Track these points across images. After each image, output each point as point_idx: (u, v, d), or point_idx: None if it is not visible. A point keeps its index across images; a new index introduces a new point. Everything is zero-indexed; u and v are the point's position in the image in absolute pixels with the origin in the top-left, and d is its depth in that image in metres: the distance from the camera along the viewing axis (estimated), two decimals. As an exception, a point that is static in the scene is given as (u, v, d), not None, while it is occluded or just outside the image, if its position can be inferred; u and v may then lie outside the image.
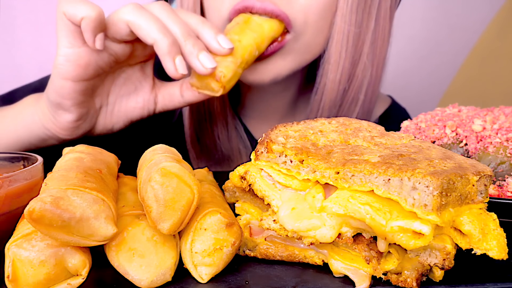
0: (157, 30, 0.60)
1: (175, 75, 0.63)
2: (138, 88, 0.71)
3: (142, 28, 0.60)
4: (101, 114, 0.71)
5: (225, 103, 0.89)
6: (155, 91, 0.72)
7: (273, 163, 0.47)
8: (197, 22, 0.65)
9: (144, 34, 0.60)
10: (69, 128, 0.67)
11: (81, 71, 0.62)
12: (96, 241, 0.41)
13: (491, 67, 1.61)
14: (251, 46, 0.68)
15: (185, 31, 0.62)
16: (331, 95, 0.84)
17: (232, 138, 0.92)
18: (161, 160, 0.45)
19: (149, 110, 0.72)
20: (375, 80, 0.87)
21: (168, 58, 0.61)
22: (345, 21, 0.78)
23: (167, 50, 0.61)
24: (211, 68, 0.63)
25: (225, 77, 0.64)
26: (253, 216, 0.50)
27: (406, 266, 0.43)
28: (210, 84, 0.65)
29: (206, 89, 0.67)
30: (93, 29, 0.58)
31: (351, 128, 0.53)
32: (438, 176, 0.39)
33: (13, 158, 0.57)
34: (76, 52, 0.61)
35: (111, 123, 0.72)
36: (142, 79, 0.71)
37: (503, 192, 0.53)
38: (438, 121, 0.65)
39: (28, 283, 0.40)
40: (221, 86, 0.65)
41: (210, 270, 0.44)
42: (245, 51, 0.68)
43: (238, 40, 0.67)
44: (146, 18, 0.60)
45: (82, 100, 0.65)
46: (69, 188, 0.41)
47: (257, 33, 0.70)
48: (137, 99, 0.71)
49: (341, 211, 0.42)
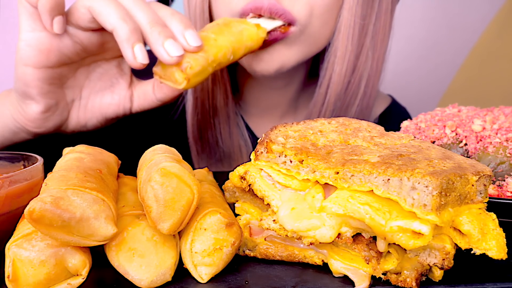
0: (117, 16, 0.57)
1: (133, 64, 0.59)
2: (114, 84, 0.69)
3: (102, 13, 0.57)
4: (74, 109, 0.68)
5: (228, 99, 0.89)
6: (131, 89, 0.70)
7: (273, 163, 0.47)
8: (166, 13, 0.61)
9: (103, 20, 0.57)
10: (36, 120, 0.65)
11: (42, 57, 0.60)
12: (96, 241, 0.41)
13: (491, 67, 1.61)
14: (226, 48, 0.65)
15: (152, 19, 0.59)
16: (337, 88, 0.84)
17: (233, 135, 0.93)
18: (161, 160, 0.45)
19: (124, 108, 0.69)
20: (375, 73, 0.87)
21: (126, 45, 0.58)
22: (352, 14, 0.78)
23: (125, 37, 0.57)
24: (177, 57, 0.58)
25: (191, 68, 0.60)
26: (253, 216, 0.50)
27: (405, 266, 0.43)
28: (174, 74, 0.61)
29: (169, 79, 0.62)
30: (50, 10, 0.56)
31: (350, 128, 0.53)
32: (437, 176, 0.39)
33: (14, 158, 0.57)
34: (37, 37, 0.59)
35: (85, 119, 0.69)
36: (118, 75, 0.69)
37: (503, 192, 0.53)
38: (438, 121, 0.65)
39: (28, 283, 0.40)
40: (186, 77, 0.60)
41: (210, 270, 0.44)
42: (219, 51, 0.64)
43: (214, 38, 0.64)
44: (107, 4, 0.57)
45: (48, 89, 0.62)
46: (69, 188, 0.41)
47: (235, 38, 0.67)
48: (113, 95, 0.69)
49: (340, 211, 0.42)
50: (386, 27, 0.85)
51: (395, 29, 0.90)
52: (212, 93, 0.88)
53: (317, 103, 0.88)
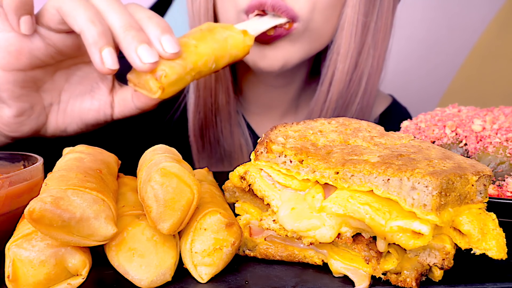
0: (85, 18, 0.53)
1: (101, 69, 0.55)
2: (94, 88, 0.66)
3: (70, 15, 0.54)
4: (52, 113, 0.65)
5: (230, 97, 0.89)
6: (112, 95, 0.66)
7: (273, 163, 0.47)
8: (143, 16, 0.57)
9: (71, 22, 0.54)
10: (10, 124, 0.61)
11: (12, 59, 0.56)
12: (96, 241, 0.41)
13: (491, 67, 1.61)
14: (208, 55, 0.61)
15: (127, 22, 0.55)
16: (339, 86, 0.84)
17: (235, 134, 0.93)
18: (161, 160, 0.45)
19: (105, 114, 0.66)
20: (375, 71, 0.87)
21: (93, 49, 0.54)
22: (355, 11, 0.78)
23: (92, 40, 0.53)
24: (150, 64, 0.54)
25: (166, 77, 0.56)
26: (253, 216, 0.50)
27: (405, 266, 0.43)
28: (148, 82, 0.57)
29: (143, 88, 0.58)
30: (15, 10, 0.53)
31: (350, 128, 0.53)
32: (437, 176, 0.39)
33: (14, 158, 0.57)
34: (5, 38, 0.56)
35: (64, 124, 0.66)
36: (99, 79, 0.65)
37: (503, 192, 0.53)
38: (438, 121, 0.65)
39: (28, 283, 0.40)
40: (160, 87, 0.56)
41: (210, 270, 0.44)
42: (199, 58, 0.59)
43: (194, 45, 0.60)
44: (76, 5, 0.54)
45: (21, 93, 0.59)
46: (69, 188, 0.41)
47: (218, 45, 0.62)
48: (92, 101, 0.65)
49: (340, 211, 0.42)
50: (388, 25, 0.85)
51: (395, 29, 0.90)
52: (214, 92, 0.88)
53: (318, 101, 0.88)
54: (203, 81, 0.87)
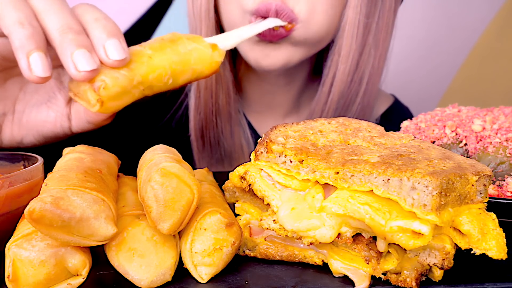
0: (14, 19, 0.48)
1: (28, 76, 0.48)
2: (51, 99, 0.60)
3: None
4: (6, 123, 0.60)
5: (231, 97, 0.89)
6: (70, 106, 0.60)
7: (273, 163, 0.47)
8: (90, 18, 0.51)
9: (0, 24, 0.49)
10: None
11: None
12: (96, 241, 0.41)
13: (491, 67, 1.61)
14: (163, 68, 0.54)
15: (65, 23, 0.49)
16: (340, 86, 0.85)
17: (235, 134, 0.93)
18: (161, 160, 0.45)
19: (62, 127, 0.60)
20: (376, 71, 0.87)
21: (20, 54, 0.48)
22: (357, 12, 0.78)
23: (19, 44, 0.47)
24: (86, 72, 0.48)
25: (105, 88, 0.49)
26: (253, 216, 0.50)
27: (405, 266, 0.43)
28: (86, 93, 0.50)
29: (82, 98, 0.52)
30: None
31: (350, 128, 0.53)
32: (437, 176, 0.39)
33: (14, 159, 0.57)
34: None
35: (20, 135, 0.60)
36: (56, 89, 0.60)
37: (503, 192, 0.53)
38: (438, 121, 0.65)
39: (29, 283, 0.40)
40: (98, 100, 0.50)
41: (210, 270, 0.44)
42: (151, 71, 0.53)
43: (149, 55, 0.53)
44: (7, 4, 0.48)
45: None
46: (69, 188, 0.41)
47: (179, 58, 0.55)
48: (48, 112, 0.59)
49: (340, 211, 0.42)
50: (389, 26, 0.85)
51: (395, 29, 0.90)
52: (215, 92, 0.88)
53: (320, 101, 0.88)
54: (203, 81, 0.87)
